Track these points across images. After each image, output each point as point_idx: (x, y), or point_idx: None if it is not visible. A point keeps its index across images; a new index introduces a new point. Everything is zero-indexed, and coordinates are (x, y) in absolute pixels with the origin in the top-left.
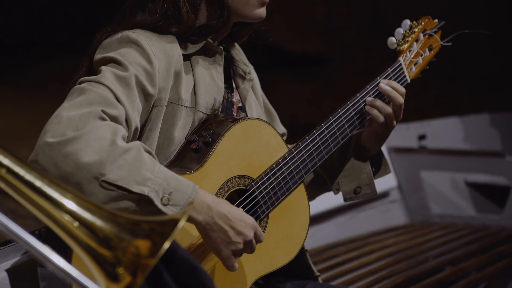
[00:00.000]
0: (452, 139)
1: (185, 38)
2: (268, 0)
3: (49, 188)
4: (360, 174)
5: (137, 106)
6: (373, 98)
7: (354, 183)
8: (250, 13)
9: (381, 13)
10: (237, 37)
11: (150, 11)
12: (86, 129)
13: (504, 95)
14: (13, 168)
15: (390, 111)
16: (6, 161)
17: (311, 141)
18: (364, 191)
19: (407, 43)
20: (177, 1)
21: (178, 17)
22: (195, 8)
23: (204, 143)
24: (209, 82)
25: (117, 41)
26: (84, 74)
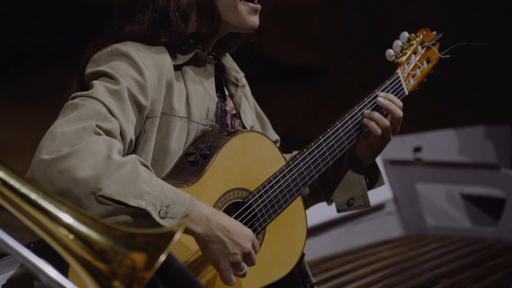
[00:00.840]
0: (448, 152)
1: (175, 48)
2: (260, 8)
3: (44, 201)
4: (354, 186)
5: (131, 118)
6: (370, 111)
7: (347, 194)
8: (242, 21)
9: (377, 26)
10: (227, 46)
11: (138, 21)
12: (81, 144)
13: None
14: (8, 181)
15: (387, 124)
16: (1, 174)
17: (308, 154)
18: (357, 202)
19: (405, 55)
20: (166, 11)
21: (167, 27)
22: (184, 17)
23: (201, 155)
24: (201, 92)
25: (107, 55)
26: (75, 89)
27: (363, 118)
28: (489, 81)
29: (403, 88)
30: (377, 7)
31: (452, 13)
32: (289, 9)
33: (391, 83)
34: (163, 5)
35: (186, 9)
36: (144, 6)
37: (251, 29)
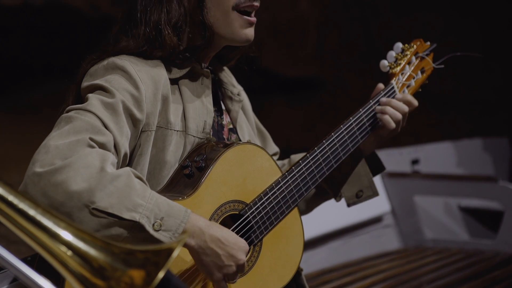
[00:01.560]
0: (445, 164)
1: (171, 62)
2: (255, 20)
3: (42, 217)
4: (360, 178)
5: (125, 132)
6: (383, 107)
7: (355, 187)
8: (235, 33)
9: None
10: (225, 60)
11: (134, 36)
12: (74, 157)
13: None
14: (6, 196)
15: (400, 117)
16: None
17: (304, 165)
18: (366, 193)
19: (400, 65)
20: (158, 25)
21: (160, 41)
22: (176, 30)
23: (197, 168)
24: (198, 106)
25: (103, 68)
26: (71, 102)
27: (368, 119)
28: (487, 93)
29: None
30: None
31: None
32: (287, 22)
33: (385, 93)
34: (154, 19)
35: (177, 22)
36: (138, 21)
37: (245, 42)
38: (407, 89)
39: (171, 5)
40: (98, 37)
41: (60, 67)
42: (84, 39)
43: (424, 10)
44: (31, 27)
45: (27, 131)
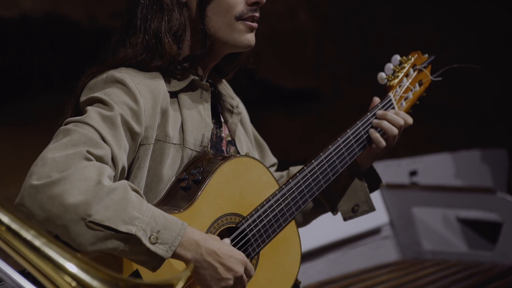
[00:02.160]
0: (443, 175)
1: (170, 74)
2: (256, 26)
3: (48, 248)
4: (357, 192)
5: (124, 145)
6: (379, 121)
7: (351, 201)
8: (238, 39)
9: (372, 49)
10: (223, 73)
11: (132, 45)
12: (71, 170)
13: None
14: (12, 226)
15: (396, 131)
16: (5, 219)
17: (301, 178)
18: (362, 208)
19: (397, 78)
20: (158, 32)
21: (160, 49)
22: (177, 38)
23: (194, 181)
24: (196, 119)
25: (102, 81)
26: (70, 115)
27: (370, 128)
28: (485, 104)
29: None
30: (372, 30)
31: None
32: (285, 34)
33: (383, 106)
34: (154, 27)
35: (178, 30)
36: (137, 29)
37: (246, 47)
38: (405, 101)
39: (172, 14)
40: (96, 49)
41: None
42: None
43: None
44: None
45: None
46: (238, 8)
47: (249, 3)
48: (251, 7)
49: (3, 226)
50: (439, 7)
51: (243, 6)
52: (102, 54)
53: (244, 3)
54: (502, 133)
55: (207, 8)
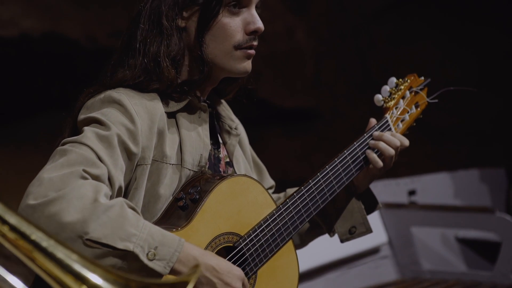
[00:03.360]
0: (442, 195)
1: (168, 95)
2: (254, 53)
3: (56, 249)
4: (353, 214)
5: (120, 165)
6: (375, 142)
7: (348, 223)
8: (235, 67)
9: (370, 69)
10: (223, 93)
11: (131, 67)
12: (67, 189)
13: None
14: (19, 227)
15: (392, 152)
16: (12, 220)
17: (298, 198)
18: (359, 230)
19: (394, 100)
20: (157, 56)
21: (158, 73)
22: (175, 63)
23: (191, 200)
24: (195, 139)
25: (100, 102)
26: (68, 135)
27: (367, 149)
28: (483, 124)
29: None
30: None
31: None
32: (284, 53)
33: (380, 127)
34: (153, 51)
35: (177, 55)
36: (136, 52)
37: (243, 74)
38: (401, 123)
39: (171, 39)
40: (95, 68)
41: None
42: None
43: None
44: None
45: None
46: (236, 37)
47: (248, 32)
48: (250, 36)
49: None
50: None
51: (241, 35)
52: (101, 74)
53: (243, 32)
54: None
55: (205, 34)
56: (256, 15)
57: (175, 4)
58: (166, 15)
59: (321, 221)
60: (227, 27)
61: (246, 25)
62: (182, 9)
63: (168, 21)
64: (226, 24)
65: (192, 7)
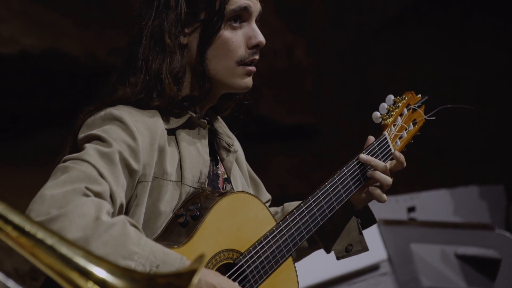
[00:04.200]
0: (441, 212)
1: (168, 112)
2: (254, 70)
3: (61, 246)
4: (350, 232)
5: (122, 182)
6: (372, 172)
7: (345, 241)
8: (236, 83)
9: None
10: (220, 110)
11: (131, 84)
12: (69, 206)
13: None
14: (23, 226)
15: (389, 182)
16: (16, 219)
17: (298, 215)
18: (355, 248)
19: (392, 117)
20: (159, 73)
21: (160, 89)
22: (177, 80)
23: (191, 217)
24: (194, 156)
25: (100, 119)
26: (68, 153)
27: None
28: (481, 141)
29: (390, 149)
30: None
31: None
32: (283, 70)
33: (378, 144)
34: (155, 68)
35: (179, 72)
36: (137, 69)
37: (244, 89)
38: (399, 140)
39: (173, 56)
40: (95, 85)
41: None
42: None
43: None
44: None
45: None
46: (238, 53)
47: (250, 46)
48: (252, 50)
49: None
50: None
51: (243, 50)
52: (101, 92)
53: (245, 47)
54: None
55: (207, 50)
56: (257, 29)
57: (178, 21)
58: (169, 32)
59: (318, 238)
60: (230, 42)
61: (248, 39)
62: (184, 26)
63: (170, 38)
64: (228, 39)
65: (193, 23)
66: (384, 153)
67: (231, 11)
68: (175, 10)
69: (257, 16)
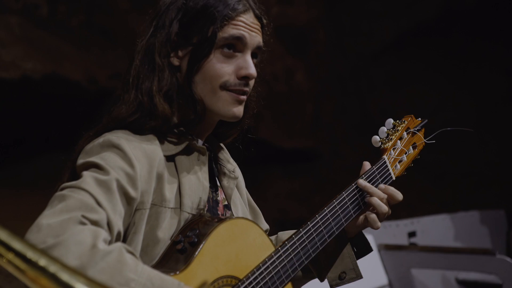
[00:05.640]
0: (442, 236)
1: (166, 137)
2: (244, 99)
3: (63, 273)
4: (344, 259)
5: (119, 210)
6: (370, 197)
7: (338, 268)
8: (222, 109)
9: (369, 110)
10: (222, 137)
11: (125, 102)
12: (66, 235)
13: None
14: (25, 253)
15: (386, 210)
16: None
17: (297, 240)
18: (349, 275)
19: (391, 141)
20: (150, 91)
21: (152, 107)
22: (168, 98)
23: (189, 243)
24: (194, 182)
25: (99, 146)
26: (67, 179)
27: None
28: (482, 165)
29: (390, 173)
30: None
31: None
32: (283, 94)
33: (378, 168)
34: (146, 86)
35: (169, 90)
36: (130, 87)
37: (231, 118)
38: (399, 164)
39: (163, 74)
40: (96, 110)
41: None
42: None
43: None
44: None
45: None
46: (224, 78)
47: (239, 76)
48: (240, 81)
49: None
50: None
51: (231, 78)
52: (99, 115)
53: (234, 76)
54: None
55: (195, 74)
56: (249, 61)
57: (167, 41)
58: (159, 51)
59: (311, 266)
60: (217, 68)
61: (238, 69)
62: (177, 47)
63: (160, 57)
64: (216, 65)
65: (187, 46)
66: (384, 177)
67: (222, 39)
68: (168, 29)
69: (254, 48)
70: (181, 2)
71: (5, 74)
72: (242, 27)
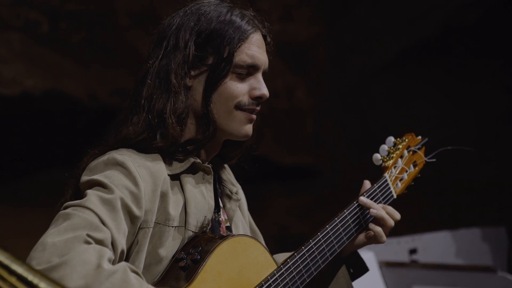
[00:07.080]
0: (443, 254)
1: (171, 156)
2: (255, 118)
3: None
4: (338, 279)
5: (123, 228)
6: (377, 211)
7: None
8: (236, 128)
9: (370, 127)
10: (227, 158)
11: (134, 123)
12: (71, 254)
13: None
14: (26, 276)
15: (392, 224)
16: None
17: (299, 257)
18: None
19: (392, 159)
20: (162, 113)
21: (163, 129)
22: (180, 120)
23: (192, 260)
24: (199, 201)
25: (103, 164)
26: (70, 197)
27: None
28: (483, 182)
29: (391, 191)
30: (369, 108)
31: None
32: (284, 111)
33: (379, 187)
34: (159, 107)
35: (182, 113)
36: (140, 108)
37: (243, 137)
38: (400, 182)
39: (178, 96)
40: (96, 126)
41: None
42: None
43: (419, 100)
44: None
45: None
46: (239, 98)
47: (252, 97)
48: (253, 101)
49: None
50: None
51: (245, 97)
52: (105, 134)
53: (247, 96)
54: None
55: (212, 94)
56: (262, 82)
57: (185, 62)
58: (175, 72)
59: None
60: (233, 89)
61: (251, 90)
62: (190, 68)
63: (176, 78)
64: (232, 85)
65: (200, 67)
66: (385, 195)
67: (239, 64)
68: (184, 51)
69: (264, 68)
70: (193, 23)
71: (5, 90)
72: (255, 49)
